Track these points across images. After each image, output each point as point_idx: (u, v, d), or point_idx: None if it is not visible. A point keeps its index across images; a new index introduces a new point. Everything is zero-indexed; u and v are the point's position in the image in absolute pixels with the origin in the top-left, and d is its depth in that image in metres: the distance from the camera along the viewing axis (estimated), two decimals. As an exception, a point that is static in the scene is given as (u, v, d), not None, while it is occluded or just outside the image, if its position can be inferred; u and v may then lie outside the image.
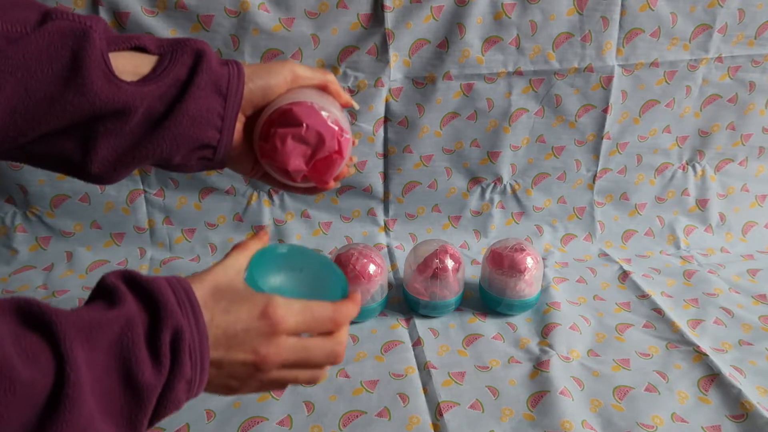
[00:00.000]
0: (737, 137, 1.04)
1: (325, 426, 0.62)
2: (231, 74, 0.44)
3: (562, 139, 0.99)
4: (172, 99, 0.42)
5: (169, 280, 0.36)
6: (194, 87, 0.42)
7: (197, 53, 0.43)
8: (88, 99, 0.38)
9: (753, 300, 0.86)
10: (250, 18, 0.82)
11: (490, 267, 0.81)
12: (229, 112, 0.44)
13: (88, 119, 0.40)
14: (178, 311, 0.35)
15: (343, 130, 0.47)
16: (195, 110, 0.42)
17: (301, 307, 0.40)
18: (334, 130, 0.46)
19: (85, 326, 0.31)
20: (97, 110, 0.39)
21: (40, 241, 0.94)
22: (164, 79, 0.42)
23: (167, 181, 0.95)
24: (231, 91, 0.44)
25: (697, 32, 0.93)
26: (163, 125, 0.42)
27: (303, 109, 0.45)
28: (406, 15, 0.86)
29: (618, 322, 0.80)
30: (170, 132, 0.42)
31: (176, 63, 0.42)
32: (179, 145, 0.43)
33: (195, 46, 0.44)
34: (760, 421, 0.62)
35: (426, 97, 0.92)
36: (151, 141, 0.42)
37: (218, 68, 0.44)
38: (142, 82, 0.41)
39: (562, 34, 0.90)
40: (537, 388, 0.67)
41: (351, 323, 0.82)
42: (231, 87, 0.44)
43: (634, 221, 1.05)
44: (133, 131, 0.42)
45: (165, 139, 0.42)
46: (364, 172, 0.98)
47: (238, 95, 0.45)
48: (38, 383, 0.28)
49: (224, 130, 0.45)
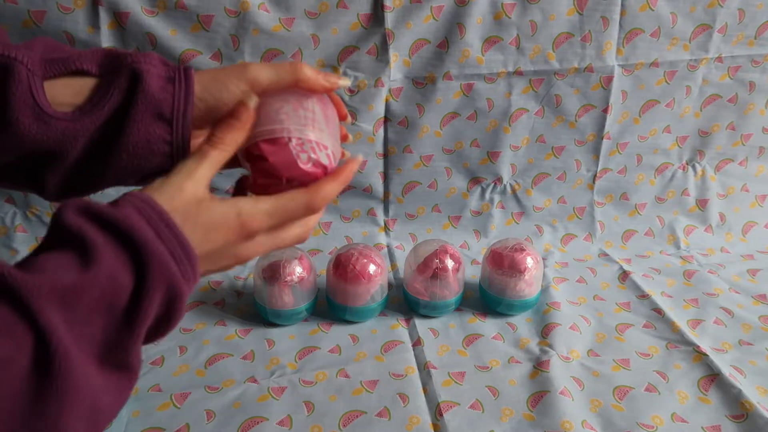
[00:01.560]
0: (737, 137, 1.04)
1: (325, 426, 0.62)
2: (176, 96, 0.40)
3: (562, 139, 0.99)
4: (111, 131, 0.39)
5: (142, 211, 0.34)
6: (131, 119, 0.39)
7: (133, 76, 0.39)
8: (17, 140, 0.36)
9: (753, 300, 0.86)
10: (250, 18, 0.82)
11: (490, 267, 0.81)
12: (177, 138, 0.41)
13: (25, 156, 0.37)
14: (169, 260, 0.33)
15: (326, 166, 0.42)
16: (136, 142, 0.39)
17: (270, 207, 0.39)
18: (318, 172, 0.42)
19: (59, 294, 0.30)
20: (30, 150, 0.37)
21: (40, 241, 0.94)
22: (101, 109, 0.38)
23: (167, 181, 0.95)
24: (177, 115, 0.40)
25: (697, 32, 0.93)
26: (106, 158, 0.39)
27: (278, 157, 0.40)
28: (406, 15, 0.86)
29: (618, 322, 0.80)
30: (115, 163, 0.40)
31: (113, 89, 0.39)
32: (128, 174, 0.41)
33: (132, 66, 0.39)
34: (760, 421, 0.62)
35: (426, 97, 0.92)
36: (98, 171, 0.40)
37: (159, 91, 0.39)
38: (79, 113, 0.38)
39: (562, 34, 0.90)
40: (537, 388, 0.67)
41: (351, 323, 0.83)
42: (177, 111, 0.40)
43: (634, 221, 1.05)
44: (77, 164, 0.39)
45: (112, 171, 0.40)
46: (364, 172, 0.98)
47: (186, 119, 0.40)
48: (16, 358, 0.28)
49: (175, 156, 0.41)
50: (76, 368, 0.30)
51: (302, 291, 0.77)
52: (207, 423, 0.62)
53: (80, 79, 0.39)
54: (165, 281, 0.33)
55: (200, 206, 0.37)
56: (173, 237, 0.34)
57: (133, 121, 0.38)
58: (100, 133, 0.38)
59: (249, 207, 0.38)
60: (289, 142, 0.41)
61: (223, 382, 0.68)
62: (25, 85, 0.36)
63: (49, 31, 0.77)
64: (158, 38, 0.80)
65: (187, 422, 0.62)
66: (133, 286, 0.32)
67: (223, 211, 0.37)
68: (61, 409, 0.29)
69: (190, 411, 0.63)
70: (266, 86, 0.42)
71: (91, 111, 0.38)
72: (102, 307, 0.31)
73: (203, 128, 0.43)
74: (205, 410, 0.64)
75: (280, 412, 0.64)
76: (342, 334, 0.77)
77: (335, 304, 0.79)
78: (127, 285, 0.32)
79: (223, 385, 0.67)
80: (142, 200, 0.34)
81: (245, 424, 0.62)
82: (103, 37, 0.79)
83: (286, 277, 0.75)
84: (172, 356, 0.72)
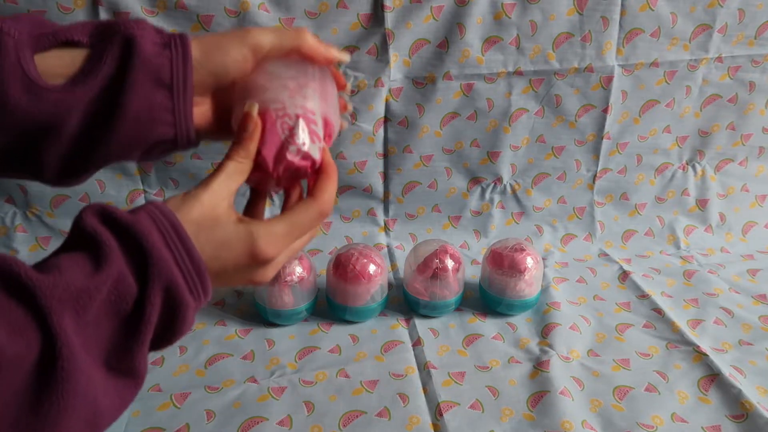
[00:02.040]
0: (737, 137, 1.04)
1: (325, 426, 0.62)
2: (174, 61, 0.38)
3: (562, 139, 0.99)
4: (108, 102, 0.37)
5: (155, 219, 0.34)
6: (129, 86, 0.37)
7: (126, 42, 0.37)
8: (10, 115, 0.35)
9: (753, 300, 0.86)
10: (250, 18, 0.82)
11: (490, 267, 0.81)
12: (179, 105, 0.39)
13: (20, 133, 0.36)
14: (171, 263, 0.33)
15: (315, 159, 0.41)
16: (136, 111, 0.38)
17: (285, 228, 0.39)
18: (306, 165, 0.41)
19: (72, 296, 0.30)
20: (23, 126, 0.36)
21: (40, 241, 0.94)
22: (94, 78, 0.37)
23: (167, 181, 0.95)
24: (176, 81, 0.38)
25: (697, 32, 0.93)
26: (106, 131, 0.38)
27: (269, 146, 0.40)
28: (406, 15, 0.86)
29: (618, 322, 0.80)
30: (116, 135, 0.38)
31: (106, 56, 0.37)
32: (131, 146, 0.40)
33: (125, 32, 0.37)
34: (760, 421, 0.62)
35: (426, 97, 0.92)
36: (98, 146, 0.39)
37: (155, 57, 0.38)
38: (71, 84, 0.36)
39: (562, 34, 0.90)
40: (537, 388, 0.67)
41: (351, 323, 0.83)
42: (176, 77, 0.38)
43: (634, 221, 1.05)
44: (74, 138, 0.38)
45: (113, 143, 0.38)
46: (364, 172, 0.98)
47: (187, 85, 0.39)
48: (25, 357, 0.28)
49: (179, 125, 0.40)
50: (80, 371, 0.30)
51: (302, 291, 0.77)
52: (207, 423, 0.62)
53: (71, 50, 0.37)
54: (164, 287, 0.33)
55: (216, 221, 0.37)
56: (182, 246, 0.34)
57: (130, 88, 0.37)
58: (96, 104, 0.37)
59: (264, 233, 0.38)
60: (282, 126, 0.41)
61: (223, 382, 0.68)
62: (13, 56, 0.34)
63: (49, 31, 0.77)
64: (158, 38, 0.80)
65: (187, 422, 0.62)
66: (137, 290, 0.33)
67: (238, 233, 0.38)
68: (61, 411, 0.29)
69: (190, 411, 0.63)
70: (268, 51, 0.41)
71: (84, 81, 0.37)
72: (111, 311, 0.32)
73: (206, 96, 0.42)
74: (205, 410, 0.64)
75: (280, 412, 0.64)
76: (342, 334, 0.77)
77: (335, 304, 0.79)
78: (132, 289, 0.32)
79: (223, 385, 0.67)
80: (157, 208, 0.35)
81: (245, 424, 0.62)
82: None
83: (286, 277, 0.75)
84: (172, 356, 0.72)
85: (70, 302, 0.30)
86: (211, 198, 0.37)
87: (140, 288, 0.33)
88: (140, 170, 0.93)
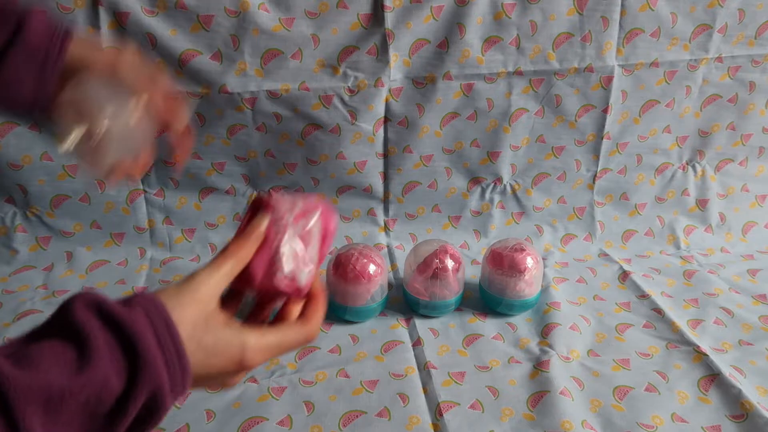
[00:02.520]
0: (737, 137, 1.04)
1: (325, 426, 0.62)
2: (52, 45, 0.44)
3: (562, 139, 0.99)
4: None
5: (150, 317, 0.33)
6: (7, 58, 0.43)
7: (18, 23, 0.43)
8: None
9: (753, 300, 0.86)
10: (250, 18, 0.82)
11: (490, 267, 0.81)
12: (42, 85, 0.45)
13: None
14: (162, 369, 0.33)
15: (300, 287, 0.42)
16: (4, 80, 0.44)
17: (274, 343, 0.40)
18: (290, 290, 0.42)
19: (46, 397, 0.29)
20: None
21: (40, 241, 0.94)
22: None
23: (167, 181, 0.95)
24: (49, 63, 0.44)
25: (697, 32, 0.93)
26: None
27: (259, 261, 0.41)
28: (406, 15, 0.86)
29: (618, 322, 0.80)
30: None
31: None
32: None
33: (19, 15, 0.44)
34: (760, 421, 0.62)
35: (426, 97, 0.92)
36: None
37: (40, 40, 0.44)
38: None
39: (562, 34, 0.90)
40: (537, 388, 0.67)
41: (351, 323, 0.83)
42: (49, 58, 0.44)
43: (634, 221, 1.05)
44: None
45: None
46: (364, 172, 0.98)
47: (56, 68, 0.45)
48: None
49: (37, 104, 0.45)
50: None
51: (302, 291, 0.77)
52: (207, 423, 0.62)
53: None
54: (151, 390, 0.33)
55: (208, 324, 0.37)
56: (174, 351, 0.34)
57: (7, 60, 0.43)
58: None
59: (254, 342, 0.38)
60: (278, 248, 0.41)
61: (223, 382, 0.68)
62: None
63: (49, 31, 0.77)
64: (158, 38, 0.80)
65: (187, 422, 0.62)
66: (122, 389, 0.32)
67: (229, 339, 0.38)
68: None
69: (190, 411, 0.63)
70: None
71: None
72: (87, 410, 0.31)
73: None
74: (205, 410, 0.64)
75: (280, 412, 0.64)
76: (342, 334, 0.77)
77: (335, 304, 0.79)
78: (116, 388, 0.32)
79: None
80: (153, 304, 0.34)
81: (245, 424, 0.62)
82: (103, 37, 0.79)
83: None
84: (172, 356, 0.72)
85: (44, 404, 0.29)
86: (208, 293, 0.37)
87: (126, 388, 0.32)
88: (140, 170, 0.93)
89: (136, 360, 0.32)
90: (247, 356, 0.38)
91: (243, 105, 0.88)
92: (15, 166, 0.88)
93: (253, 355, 0.38)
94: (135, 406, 0.32)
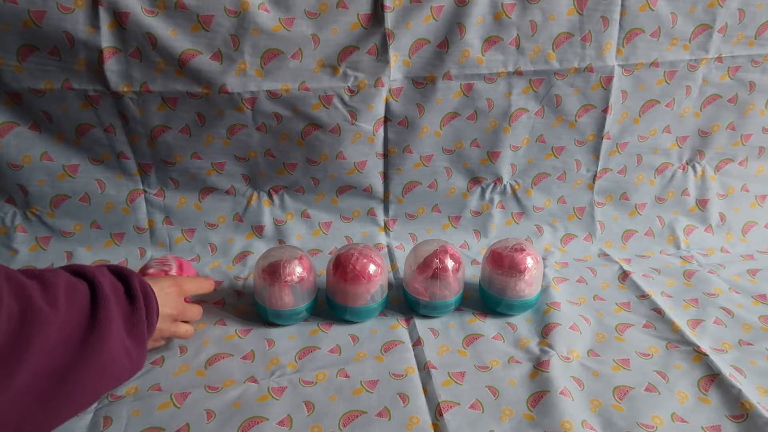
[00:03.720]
0: (737, 137, 1.04)
1: (325, 426, 0.62)
2: None
3: (562, 139, 0.99)
4: None
5: None
6: None
7: None
8: None
9: (753, 300, 0.86)
10: (250, 18, 0.82)
11: (490, 267, 0.81)
12: None
13: None
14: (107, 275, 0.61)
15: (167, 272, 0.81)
16: None
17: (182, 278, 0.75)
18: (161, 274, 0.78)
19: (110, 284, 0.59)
20: None
21: (40, 241, 0.94)
22: None
23: (167, 181, 0.95)
24: None
25: (697, 32, 0.93)
26: None
27: None
28: (406, 15, 0.86)
29: (618, 322, 0.80)
30: None
31: None
32: None
33: None
34: (760, 421, 0.62)
35: (426, 97, 0.92)
36: None
37: None
38: None
39: (562, 34, 0.90)
40: (537, 388, 0.67)
41: (351, 323, 0.83)
42: None
43: (634, 221, 1.05)
44: None
45: None
46: (364, 172, 0.98)
47: None
48: (84, 293, 0.55)
49: None
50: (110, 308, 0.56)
51: (302, 291, 0.77)
52: (207, 423, 0.62)
53: None
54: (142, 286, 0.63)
55: None
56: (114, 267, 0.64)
57: None
58: None
59: None
60: None
61: (223, 382, 0.68)
62: None
63: (49, 31, 0.77)
64: (158, 38, 0.80)
65: (187, 422, 0.62)
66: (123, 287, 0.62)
67: None
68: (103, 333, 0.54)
69: (190, 411, 0.63)
70: None
71: None
72: (122, 301, 0.60)
73: None
74: (205, 410, 0.64)
75: (280, 412, 0.64)
76: (342, 334, 0.77)
77: (335, 304, 0.79)
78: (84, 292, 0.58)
79: (223, 385, 0.67)
80: None
81: (245, 424, 0.62)
82: (103, 37, 0.79)
83: (286, 277, 0.75)
84: (172, 356, 0.72)
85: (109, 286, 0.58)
86: None
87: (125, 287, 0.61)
88: (140, 170, 0.93)
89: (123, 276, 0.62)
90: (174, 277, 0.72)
91: (243, 105, 0.88)
92: (15, 166, 0.88)
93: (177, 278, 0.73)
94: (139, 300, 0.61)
